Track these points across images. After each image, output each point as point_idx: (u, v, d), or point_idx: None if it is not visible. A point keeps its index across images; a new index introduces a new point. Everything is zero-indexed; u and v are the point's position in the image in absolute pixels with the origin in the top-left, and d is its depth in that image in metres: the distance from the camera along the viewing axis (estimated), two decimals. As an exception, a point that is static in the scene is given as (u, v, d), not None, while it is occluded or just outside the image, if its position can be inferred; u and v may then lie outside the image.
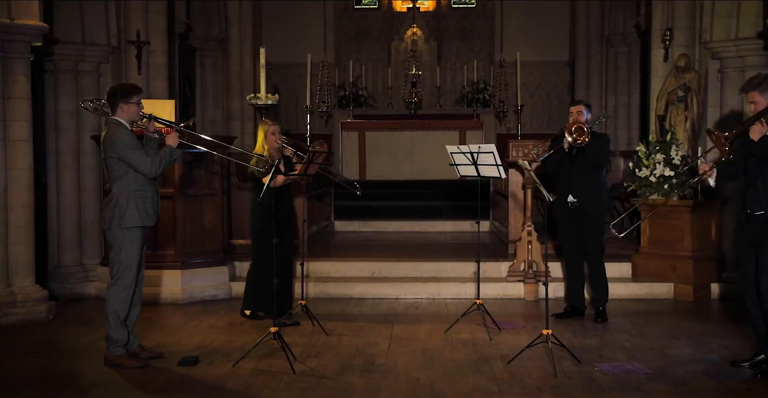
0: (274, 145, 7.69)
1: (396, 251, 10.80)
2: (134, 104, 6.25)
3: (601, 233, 8.03)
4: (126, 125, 6.23)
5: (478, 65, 17.32)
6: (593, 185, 7.80)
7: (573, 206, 7.75)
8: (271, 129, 7.72)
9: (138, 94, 6.31)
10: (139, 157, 6.13)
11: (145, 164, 6.14)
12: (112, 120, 6.25)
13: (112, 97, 6.27)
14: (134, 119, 6.29)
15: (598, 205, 7.88)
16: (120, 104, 6.22)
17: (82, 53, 9.29)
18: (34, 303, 7.82)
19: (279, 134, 7.75)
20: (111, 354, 6.20)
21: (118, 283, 6.25)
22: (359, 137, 15.64)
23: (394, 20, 17.99)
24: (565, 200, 7.79)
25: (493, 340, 7.12)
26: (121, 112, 6.23)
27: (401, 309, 8.58)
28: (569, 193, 7.78)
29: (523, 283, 9.04)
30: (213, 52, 14.12)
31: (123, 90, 6.34)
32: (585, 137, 7.34)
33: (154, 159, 6.19)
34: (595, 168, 7.81)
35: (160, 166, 6.21)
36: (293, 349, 6.64)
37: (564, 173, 7.82)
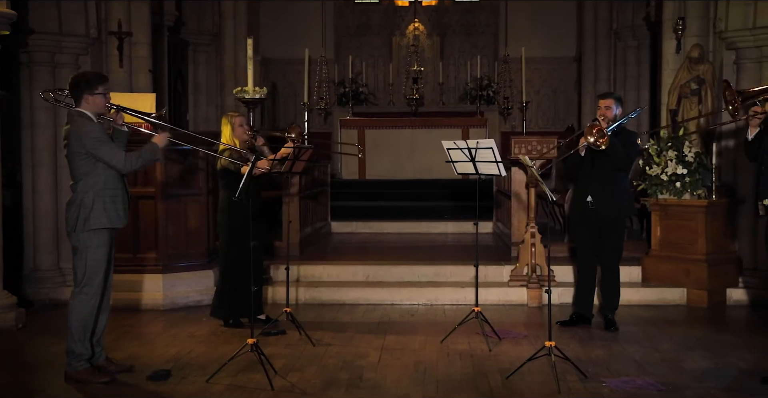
0: (244, 137, 7.17)
1: (393, 253, 10.26)
2: (100, 94, 5.70)
3: (620, 238, 7.48)
4: (92, 117, 5.69)
5: (482, 61, 16.81)
6: (614, 188, 7.22)
7: (592, 206, 7.19)
8: (238, 120, 7.21)
9: (104, 84, 5.76)
10: (110, 150, 5.61)
11: (117, 158, 5.62)
12: (75, 112, 5.70)
13: (76, 88, 5.72)
14: (100, 111, 5.75)
15: (618, 209, 7.31)
16: (84, 95, 5.68)
17: (58, 44, 8.75)
18: (1, 310, 7.30)
19: (247, 125, 7.23)
20: (73, 370, 5.67)
21: (84, 291, 5.73)
22: (359, 135, 15.12)
23: (396, 15, 17.47)
24: (583, 201, 7.25)
25: (493, 351, 6.58)
26: (85, 103, 5.69)
27: (396, 316, 8.04)
28: (588, 195, 7.23)
29: (526, 288, 8.50)
30: (206, 47, 13.65)
31: (87, 80, 5.76)
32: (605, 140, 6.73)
33: (131, 154, 5.68)
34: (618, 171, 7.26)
35: (136, 162, 5.69)
36: (275, 361, 6.15)
37: (583, 174, 7.26)
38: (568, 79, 17.17)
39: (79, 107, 5.70)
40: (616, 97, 7.35)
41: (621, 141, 7.01)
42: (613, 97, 7.31)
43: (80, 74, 6.04)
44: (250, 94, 8.77)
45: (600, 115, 7.11)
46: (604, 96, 7.38)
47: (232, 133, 7.15)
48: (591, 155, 7.02)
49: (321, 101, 16.30)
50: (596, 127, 6.60)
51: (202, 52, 13.58)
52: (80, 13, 8.82)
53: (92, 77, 5.82)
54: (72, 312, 5.73)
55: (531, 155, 8.60)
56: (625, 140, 7.12)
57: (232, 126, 7.16)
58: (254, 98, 8.80)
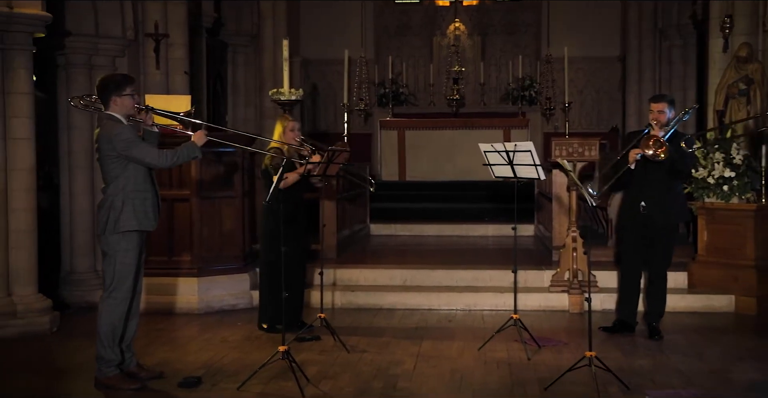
0: (293, 142, 7.09)
1: (432, 256, 10.11)
2: (128, 95, 5.61)
3: (671, 245, 7.22)
4: (121, 119, 5.61)
5: (523, 61, 16.55)
6: (668, 194, 6.99)
7: (644, 212, 6.96)
8: (291, 125, 7.14)
9: (131, 85, 5.68)
10: (142, 149, 5.53)
11: (151, 155, 5.53)
12: (105, 115, 5.63)
13: (103, 91, 5.64)
14: (129, 113, 5.66)
15: (672, 215, 7.08)
16: (112, 98, 5.60)
17: (95, 46, 8.73)
18: (35, 313, 7.27)
19: (298, 131, 7.14)
20: (103, 376, 5.58)
21: (113, 296, 5.64)
22: (399, 136, 15.00)
23: (436, 15, 17.28)
24: (635, 207, 7.01)
25: (532, 360, 6.38)
26: (114, 106, 5.61)
27: (433, 321, 7.88)
28: (641, 201, 6.99)
29: (568, 294, 8.28)
30: (245, 48, 13.59)
31: (114, 82, 5.68)
32: (664, 150, 6.50)
33: (167, 151, 5.59)
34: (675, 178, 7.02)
35: (172, 157, 5.58)
36: (308, 368, 6.04)
37: (637, 180, 6.99)
38: (612, 79, 16.85)
39: (108, 109, 5.62)
40: (669, 99, 7.05)
41: (676, 146, 6.75)
42: (665, 100, 7.00)
43: (107, 77, 5.96)
44: (286, 95, 8.66)
45: (653, 119, 6.84)
46: (657, 99, 7.05)
47: (282, 135, 7.09)
48: (644, 161, 6.77)
49: (361, 102, 16.17)
50: (652, 138, 6.37)
51: (241, 53, 13.53)
52: (117, 15, 8.79)
53: (119, 79, 5.74)
54: (101, 316, 5.65)
55: (572, 157, 8.40)
56: (680, 144, 6.87)
57: (284, 129, 7.11)
58: (290, 100, 8.69)
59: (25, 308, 7.24)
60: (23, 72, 7.23)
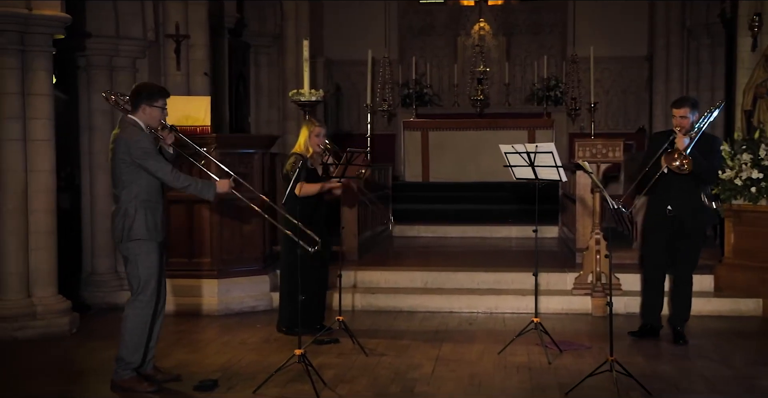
0: (317, 148, 7.04)
1: (454, 258, 10.01)
2: (158, 107, 5.58)
3: (698, 248, 7.06)
4: (143, 127, 5.58)
5: (549, 61, 16.40)
6: (695, 197, 6.86)
7: (670, 214, 6.84)
8: (317, 130, 7.07)
9: (164, 99, 5.64)
10: (157, 162, 5.49)
11: (164, 170, 5.50)
12: (129, 119, 5.59)
13: (137, 96, 5.62)
14: (153, 125, 5.61)
15: (698, 219, 6.93)
16: (143, 105, 5.57)
17: (116, 48, 8.71)
18: (55, 314, 7.26)
19: (324, 137, 7.07)
20: (119, 378, 5.55)
21: (139, 299, 5.60)
22: (422, 136, 14.90)
23: (461, 15, 17.18)
24: (661, 210, 6.89)
25: (553, 364, 6.28)
26: (141, 113, 5.57)
27: (454, 324, 7.79)
28: (667, 204, 6.86)
29: (591, 297, 8.16)
30: (268, 49, 13.56)
31: (149, 90, 5.68)
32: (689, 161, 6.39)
33: (182, 174, 5.60)
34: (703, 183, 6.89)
35: (184, 182, 5.57)
36: (326, 371, 5.98)
37: (663, 182, 6.83)
38: (638, 79, 16.67)
39: (135, 115, 5.59)
40: (692, 103, 6.86)
41: (703, 148, 6.61)
42: (688, 104, 6.80)
43: (145, 84, 6.01)
44: (306, 96, 8.59)
45: (676, 125, 6.71)
46: (678, 104, 6.86)
47: (307, 140, 7.03)
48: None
49: (384, 103, 16.10)
50: (676, 151, 6.27)
51: (264, 54, 13.50)
52: (137, 17, 8.77)
53: (155, 89, 5.73)
54: (127, 319, 5.61)
55: (595, 158, 8.28)
56: (708, 146, 6.72)
57: (310, 134, 7.04)
58: (310, 101, 8.62)
59: (45, 309, 7.23)
60: (43, 74, 7.22)
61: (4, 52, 7.03)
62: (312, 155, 7.06)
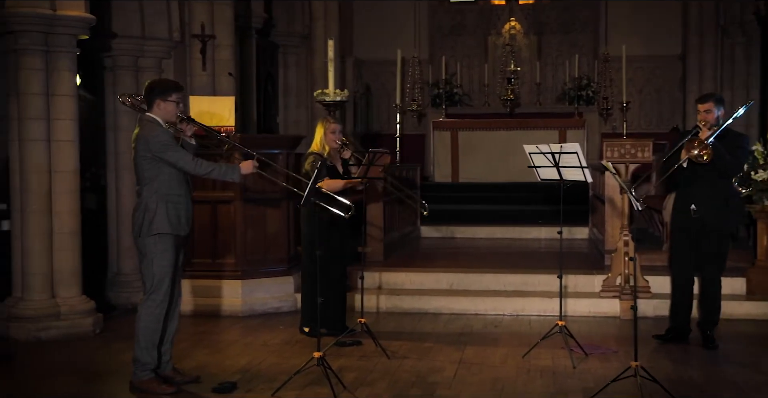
0: (333, 145, 6.99)
1: (481, 260, 9.90)
2: (172, 102, 5.59)
3: (725, 249, 6.89)
4: (161, 123, 5.58)
5: (580, 60, 16.19)
6: (720, 195, 6.71)
7: (695, 215, 6.71)
8: (332, 127, 7.03)
9: (178, 93, 5.65)
10: (177, 152, 5.50)
11: (185, 159, 5.51)
12: (146, 117, 5.61)
13: (150, 92, 5.63)
14: (170, 119, 5.62)
15: (724, 218, 6.77)
16: (157, 101, 5.58)
17: (141, 48, 8.73)
18: (78, 315, 7.27)
19: (339, 134, 7.02)
20: (137, 379, 5.54)
21: (151, 298, 5.59)
22: (452, 136, 14.78)
23: (491, 14, 17.02)
24: (685, 209, 6.76)
25: (577, 368, 6.17)
26: (157, 109, 5.58)
27: (479, 326, 7.69)
28: (691, 203, 6.73)
29: (619, 300, 8.03)
30: (296, 49, 13.54)
31: (162, 86, 5.70)
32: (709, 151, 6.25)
33: (204, 161, 5.57)
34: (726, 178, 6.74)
35: (208, 168, 5.57)
36: (347, 374, 5.92)
37: (686, 181, 6.74)
38: (672, 78, 16.40)
39: (151, 112, 5.60)
40: (716, 98, 6.78)
41: (728, 145, 6.48)
42: (712, 99, 6.72)
43: (156, 80, 6.06)
44: (331, 96, 8.55)
45: (701, 120, 6.58)
46: (703, 99, 6.77)
47: (323, 137, 7.00)
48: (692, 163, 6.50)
49: (413, 103, 16.01)
50: (696, 140, 6.14)
51: (292, 54, 13.48)
52: (163, 17, 8.78)
53: (168, 84, 5.76)
54: (139, 319, 5.61)
55: (624, 158, 8.14)
56: (733, 143, 6.57)
57: (325, 131, 7.01)
58: (334, 101, 8.57)
59: (69, 309, 7.25)
60: (67, 74, 7.24)
61: (28, 53, 7.06)
62: (330, 152, 7.01)
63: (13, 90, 7.16)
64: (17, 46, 7.07)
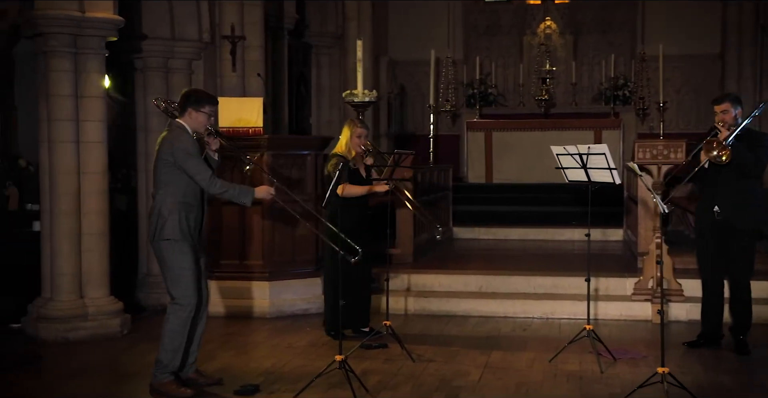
0: (358, 149, 6.95)
1: (512, 262, 9.80)
2: (204, 113, 5.57)
3: (751, 251, 6.75)
4: (189, 131, 5.56)
5: (617, 60, 15.98)
6: (745, 196, 6.55)
7: (719, 217, 6.57)
8: (358, 131, 6.98)
9: (212, 106, 5.63)
10: (198, 165, 5.46)
11: (203, 175, 5.45)
12: (176, 123, 5.60)
13: (185, 100, 5.63)
14: (199, 130, 5.60)
15: (749, 219, 6.62)
16: (189, 109, 5.56)
17: (171, 49, 8.75)
18: (106, 315, 7.31)
19: (365, 139, 6.98)
20: (157, 381, 5.52)
21: (177, 302, 5.56)
22: (485, 137, 14.68)
23: (527, 13, 16.85)
24: (709, 211, 6.64)
25: (605, 373, 6.06)
26: (188, 117, 5.57)
27: (507, 329, 7.61)
28: (714, 204, 6.60)
29: (651, 303, 7.89)
30: (329, 49, 13.52)
31: (197, 95, 5.68)
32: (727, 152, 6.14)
33: (220, 180, 5.53)
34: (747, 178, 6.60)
35: (221, 188, 5.52)
36: (370, 377, 5.88)
37: (709, 181, 6.62)
38: (711, 78, 16.10)
39: (182, 119, 5.59)
40: (732, 98, 6.68)
41: (749, 145, 6.35)
42: (728, 99, 6.64)
43: (193, 89, 6.06)
44: (359, 97, 8.50)
45: (718, 121, 6.47)
46: (719, 100, 6.69)
47: (349, 140, 6.96)
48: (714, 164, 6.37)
49: (447, 103, 15.92)
50: (714, 141, 6.03)
51: (325, 54, 13.47)
52: (193, 18, 8.79)
53: (202, 96, 5.74)
54: (167, 322, 5.58)
55: (656, 160, 8.01)
56: (754, 142, 6.44)
57: (351, 134, 6.96)
58: (363, 101, 8.53)
59: (97, 310, 7.28)
60: (96, 76, 7.27)
61: (57, 55, 7.11)
62: (354, 156, 6.98)
63: (43, 92, 7.22)
64: (46, 48, 7.13)
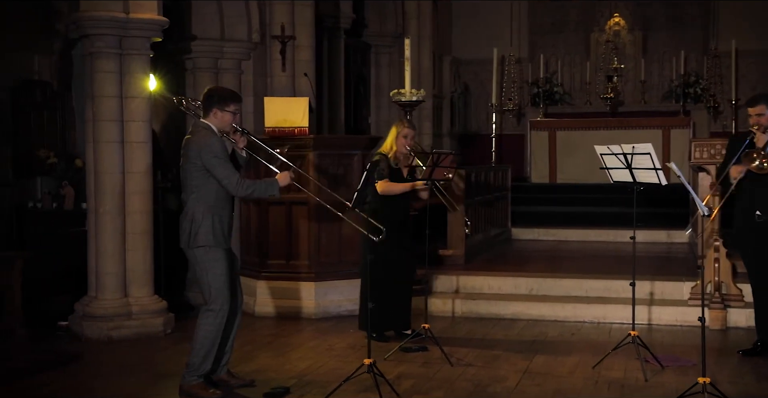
0: (402, 150, 6.87)
1: (567, 264, 9.60)
2: (229, 112, 5.50)
3: None
4: (216, 132, 5.51)
5: (688, 56, 15.51)
6: None
7: (759, 220, 6.27)
8: (405, 131, 6.90)
9: (236, 103, 5.56)
10: (225, 170, 5.38)
11: (231, 179, 5.38)
12: (201, 124, 5.53)
13: (208, 100, 5.55)
14: (225, 129, 5.53)
15: None
16: (214, 109, 5.49)
17: (220, 50, 8.79)
18: (149, 315, 7.34)
19: (411, 140, 6.87)
20: (186, 383, 5.48)
21: (210, 308, 5.48)
22: (549, 136, 14.42)
23: (594, 10, 16.52)
24: (748, 216, 6.37)
25: (649, 381, 5.82)
26: (213, 117, 5.50)
27: (555, 334, 7.39)
28: (755, 208, 6.33)
29: (708, 308, 7.57)
30: (388, 49, 13.45)
31: (220, 94, 5.60)
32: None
33: (246, 181, 5.46)
34: None
35: (248, 189, 5.45)
36: (403, 381, 5.77)
37: (747, 186, 6.35)
38: (789, 75, 15.54)
39: (207, 119, 5.53)
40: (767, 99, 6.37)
41: None
42: (763, 100, 6.32)
43: (216, 88, 5.97)
44: (407, 96, 8.37)
45: (753, 124, 6.19)
46: (752, 102, 6.40)
47: (395, 140, 6.89)
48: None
49: (509, 102, 15.68)
50: (754, 152, 5.76)
51: (384, 54, 13.39)
52: (242, 19, 8.81)
53: (226, 94, 5.66)
54: (199, 328, 5.52)
55: (714, 159, 7.68)
56: None
57: (398, 134, 6.89)
58: (410, 101, 8.40)
59: (140, 309, 7.32)
60: (140, 76, 7.30)
61: (102, 56, 7.16)
62: (397, 156, 6.88)
63: (89, 93, 7.28)
64: (93, 50, 7.19)
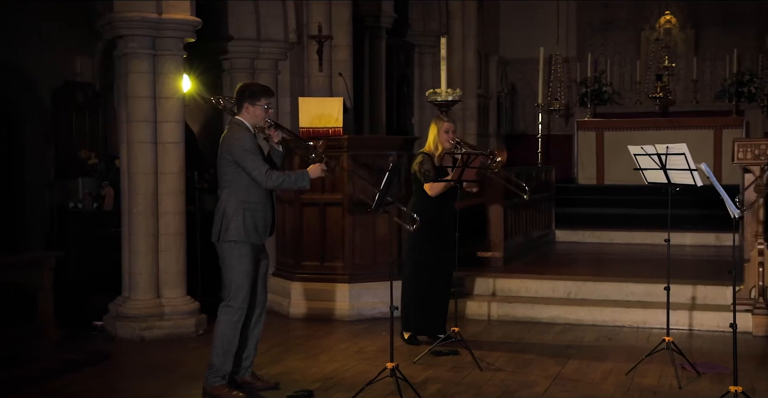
0: (447, 145, 6.80)
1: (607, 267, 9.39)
2: (261, 107, 5.49)
3: None
4: (249, 127, 5.50)
5: (742, 54, 15.12)
6: None
7: None
8: (445, 126, 6.85)
9: (267, 97, 5.55)
10: (253, 162, 5.36)
11: (259, 170, 5.35)
12: (235, 120, 5.55)
13: (240, 95, 5.57)
14: (258, 124, 5.52)
15: None
16: (245, 104, 5.50)
17: (257, 50, 8.77)
18: (181, 315, 7.34)
19: (453, 133, 6.79)
20: (208, 384, 5.46)
21: (230, 305, 5.48)
22: (597, 137, 14.18)
23: (644, 8, 16.19)
24: None
25: (684, 389, 5.64)
26: (245, 113, 5.50)
27: (591, 338, 7.22)
28: None
29: (752, 314, 7.34)
30: (432, 49, 13.26)
31: (251, 89, 5.60)
32: None
33: (276, 172, 5.42)
34: None
35: (277, 180, 5.40)
36: (430, 386, 5.70)
37: None
38: None
39: (240, 115, 5.53)
40: None
41: None
42: None
43: (247, 83, 5.98)
44: (443, 96, 8.27)
45: None
46: None
47: (437, 137, 6.83)
48: None
49: (555, 102, 15.46)
50: None
51: (428, 53, 13.24)
52: (278, 19, 8.78)
53: (257, 89, 5.65)
54: (217, 325, 5.52)
55: (758, 160, 7.45)
56: None
57: (438, 130, 6.84)
58: (446, 101, 8.29)
59: (172, 310, 7.33)
60: (174, 77, 7.32)
61: (136, 57, 7.19)
62: (441, 154, 6.80)
63: (123, 94, 7.32)
64: (126, 50, 7.22)
